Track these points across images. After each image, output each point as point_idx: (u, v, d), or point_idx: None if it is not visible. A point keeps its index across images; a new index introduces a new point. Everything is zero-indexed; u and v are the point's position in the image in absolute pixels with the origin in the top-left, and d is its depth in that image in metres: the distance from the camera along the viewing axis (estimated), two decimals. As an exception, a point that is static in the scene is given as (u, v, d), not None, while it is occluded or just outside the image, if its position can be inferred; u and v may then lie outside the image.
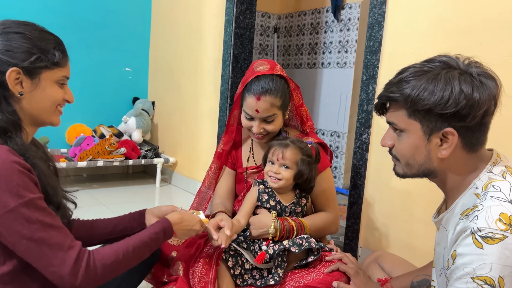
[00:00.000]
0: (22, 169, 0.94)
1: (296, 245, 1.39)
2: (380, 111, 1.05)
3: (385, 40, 1.83)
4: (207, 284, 1.41)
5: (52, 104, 1.07)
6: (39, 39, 1.02)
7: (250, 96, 1.51)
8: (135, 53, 3.57)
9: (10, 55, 0.99)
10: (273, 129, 1.55)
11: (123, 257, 1.04)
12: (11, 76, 0.98)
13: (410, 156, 0.99)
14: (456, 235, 0.90)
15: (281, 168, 1.46)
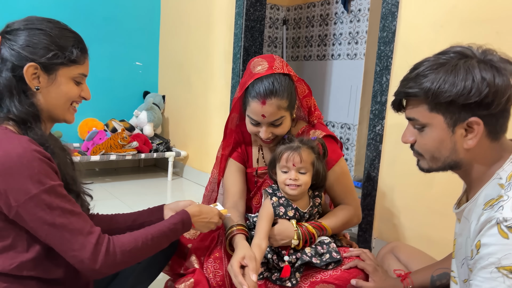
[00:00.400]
0: (43, 158, 0.96)
1: (318, 255, 1.38)
2: (398, 108, 1.04)
3: (399, 30, 1.82)
4: (223, 277, 1.43)
5: (66, 100, 1.09)
6: (58, 36, 1.04)
7: (254, 101, 1.40)
8: (145, 47, 3.59)
9: (30, 50, 1.02)
10: (281, 132, 1.47)
11: (142, 245, 1.06)
12: (29, 71, 1.01)
13: (435, 150, 0.98)
14: (481, 225, 0.90)
15: (298, 173, 1.39)
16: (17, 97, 1.01)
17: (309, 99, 1.58)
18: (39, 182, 0.93)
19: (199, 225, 1.27)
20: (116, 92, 3.47)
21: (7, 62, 1.01)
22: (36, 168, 0.94)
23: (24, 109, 1.01)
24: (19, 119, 1.01)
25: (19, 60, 1.01)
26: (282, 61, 1.48)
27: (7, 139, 0.96)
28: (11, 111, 1.00)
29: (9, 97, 1.01)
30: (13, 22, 1.05)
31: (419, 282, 1.29)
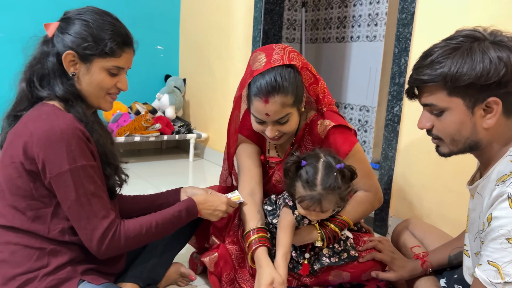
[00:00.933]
0: (82, 136, 1.06)
1: (335, 254, 1.40)
2: (411, 96, 1.07)
3: (418, 12, 1.83)
4: (244, 259, 1.50)
5: (98, 90, 1.16)
6: (97, 29, 1.12)
7: (257, 99, 1.30)
8: (166, 31, 3.65)
9: (71, 39, 1.11)
10: (289, 129, 1.38)
11: (145, 231, 1.14)
12: (67, 57, 1.11)
13: (456, 132, 1.01)
14: (493, 199, 0.94)
15: (319, 213, 1.32)
16: (59, 79, 1.11)
17: (316, 86, 1.46)
18: (73, 159, 1.03)
19: (205, 213, 1.31)
20: (138, 75, 3.54)
21: (55, 48, 1.11)
22: (73, 145, 1.03)
23: (66, 89, 1.11)
24: (63, 98, 1.11)
25: (62, 46, 1.10)
26: (283, 49, 1.35)
27: (55, 115, 1.06)
28: (56, 90, 1.10)
29: (53, 79, 1.11)
30: (70, 10, 1.15)
31: (437, 263, 1.33)
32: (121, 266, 1.27)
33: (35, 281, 1.05)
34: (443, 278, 1.32)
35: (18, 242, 1.07)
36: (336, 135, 1.43)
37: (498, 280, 0.89)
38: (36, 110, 1.09)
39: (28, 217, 1.07)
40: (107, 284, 1.12)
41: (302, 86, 1.38)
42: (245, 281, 1.45)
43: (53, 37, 1.13)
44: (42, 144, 1.02)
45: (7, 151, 1.09)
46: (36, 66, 1.13)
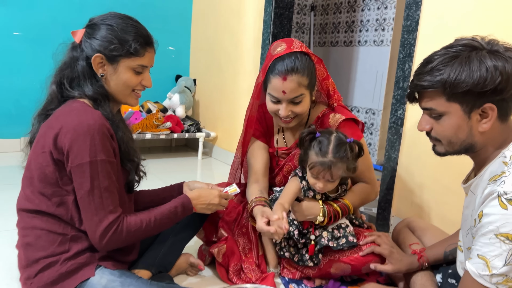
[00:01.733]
0: (107, 133, 1.15)
1: (334, 238, 1.48)
2: (412, 100, 1.13)
3: (422, 19, 1.90)
4: (250, 250, 1.58)
5: (126, 87, 1.26)
6: (122, 31, 1.22)
7: (275, 77, 1.43)
8: (177, 32, 3.75)
9: (98, 43, 1.21)
10: (301, 111, 1.48)
11: (145, 226, 1.21)
12: (96, 60, 1.21)
13: (453, 135, 1.08)
14: (484, 197, 1.01)
15: (326, 181, 1.43)
16: (88, 81, 1.21)
17: (327, 82, 1.61)
18: (95, 153, 1.11)
19: (199, 207, 1.38)
20: (150, 75, 3.65)
21: (83, 52, 1.21)
22: (97, 140, 1.12)
23: (95, 90, 1.21)
24: (92, 98, 1.20)
25: (91, 50, 1.20)
26: (301, 43, 1.52)
27: (84, 111, 1.15)
28: (85, 91, 1.20)
29: (83, 81, 1.21)
30: (94, 17, 1.25)
31: (433, 258, 1.39)
32: (134, 256, 1.35)
33: (56, 265, 1.14)
34: (439, 273, 1.38)
35: (43, 227, 1.16)
36: (346, 129, 1.54)
37: (486, 272, 0.96)
38: (68, 106, 1.19)
39: (53, 203, 1.16)
40: (122, 270, 1.21)
41: (315, 74, 1.51)
42: (251, 271, 1.52)
43: (81, 42, 1.22)
44: (69, 135, 1.11)
45: (39, 142, 1.18)
46: (66, 70, 1.23)
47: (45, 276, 1.13)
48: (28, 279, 1.16)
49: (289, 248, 1.56)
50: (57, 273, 1.13)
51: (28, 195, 1.19)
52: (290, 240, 1.57)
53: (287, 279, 1.58)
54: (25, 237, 1.18)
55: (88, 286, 1.13)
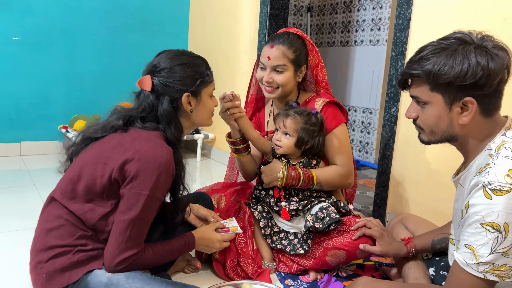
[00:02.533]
0: (171, 173, 1.20)
1: (319, 220, 1.52)
2: (403, 87, 1.17)
3: (413, 18, 1.93)
4: (246, 244, 1.61)
5: (208, 112, 1.36)
6: (197, 66, 1.30)
7: (266, 46, 1.63)
8: (175, 35, 3.78)
9: (182, 83, 1.26)
10: (281, 81, 1.62)
11: (155, 261, 1.26)
12: (185, 100, 1.26)
13: (434, 125, 1.11)
14: (470, 189, 1.03)
15: (283, 135, 1.58)
16: (173, 125, 1.26)
17: (317, 69, 1.73)
18: (155, 189, 1.16)
19: (200, 247, 1.44)
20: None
21: (165, 96, 1.25)
22: (161, 178, 1.16)
23: (177, 134, 1.27)
24: (170, 140, 1.25)
25: (176, 92, 1.25)
26: (301, 32, 1.68)
27: (160, 145, 1.19)
28: (167, 134, 1.25)
29: (166, 123, 1.25)
30: (158, 61, 1.28)
31: (421, 245, 1.43)
32: None
33: (69, 254, 1.18)
34: (432, 267, 1.41)
35: (68, 219, 1.20)
36: (329, 110, 1.66)
37: (473, 261, 0.98)
38: (145, 133, 1.22)
39: (86, 207, 1.19)
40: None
41: (304, 58, 1.67)
42: (247, 264, 1.55)
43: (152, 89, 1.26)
44: (141, 164, 1.14)
45: (106, 152, 1.21)
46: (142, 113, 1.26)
47: (57, 263, 1.17)
48: (39, 263, 1.19)
49: (281, 240, 1.61)
50: (68, 261, 1.17)
51: (67, 191, 1.22)
52: (281, 233, 1.62)
53: (283, 274, 1.60)
54: (48, 222, 1.22)
55: (92, 276, 1.16)
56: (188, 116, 1.30)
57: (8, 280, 1.47)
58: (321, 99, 1.69)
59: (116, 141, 1.22)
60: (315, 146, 1.59)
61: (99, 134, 1.28)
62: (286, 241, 1.60)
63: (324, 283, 1.54)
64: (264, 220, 1.62)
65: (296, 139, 1.57)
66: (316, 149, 1.61)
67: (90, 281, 1.16)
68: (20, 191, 2.35)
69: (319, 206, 1.57)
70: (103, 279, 1.16)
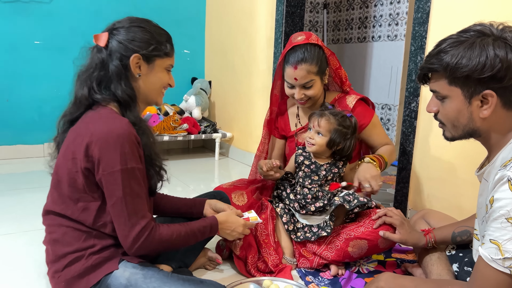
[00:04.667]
0: (135, 141, 1.18)
1: (346, 201, 1.55)
2: (423, 81, 1.16)
3: (433, 11, 1.90)
4: (268, 236, 1.62)
5: (160, 86, 1.33)
6: (156, 33, 1.28)
7: (288, 67, 1.67)
8: (192, 36, 3.81)
9: (135, 44, 1.25)
10: (313, 94, 1.70)
11: (175, 238, 1.24)
12: (133, 60, 1.25)
13: (454, 119, 1.10)
14: (494, 183, 1.01)
15: (316, 134, 1.61)
16: (123, 82, 1.24)
17: (340, 71, 1.81)
18: (125, 161, 1.15)
19: (223, 232, 1.41)
20: (166, 78, 3.72)
21: (116, 53, 1.24)
22: (126, 149, 1.15)
23: (128, 91, 1.24)
24: (123, 100, 1.24)
25: (126, 51, 1.24)
26: (317, 37, 1.72)
27: (113, 119, 1.18)
28: (117, 93, 1.23)
29: (117, 82, 1.24)
30: (118, 21, 1.29)
31: (441, 237, 1.42)
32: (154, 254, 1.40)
33: (82, 259, 1.19)
34: (455, 262, 1.39)
35: (69, 225, 1.21)
36: (361, 107, 1.79)
37: (499, 257, 0.97)
38: (96, 113, 1.22)
39: (78, 208, 1.20)
40: (143, 263, 1.25)
41: (326, 63, 1.73)
42: (269, 255, 1.57)
43: (107, 45, 1.25)
44: (100, 144, 1.14)
45: (70, 147, 1.21)
46: (95, 72, 1.25)
47: (72, 270, 1.18)
48: (56, 273, 1.21)
49: (305, 234, 1.62)
50: (83, 267, 1.18)
51: (55, 199, 1.24)
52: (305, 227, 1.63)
53: (304, 271, 1.60)
54: (52, 234, 1.23)
55: (112, 279, 1.18)
56: (137, 81, 1.27)
57: (36, 275, 1.51)
58: (351, 96, 1.79)
59: (74, 133, 1.21)
60: (345, 148, 1.63)
61: (75, 114, 1.27)
62: (310, 234, 1.61)
63: (345, 279, 1.54)
64: (287, 215, 1.63)
65: (328, 139, 1.61)
66: (346, 151, 1.64)
67: (111, 284, 1.17)
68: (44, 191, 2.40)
69: (345, 192, 1.60)
70: (123, 280, 1.17)
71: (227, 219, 1.41)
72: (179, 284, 1.18)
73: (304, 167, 1.67)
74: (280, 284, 1.43)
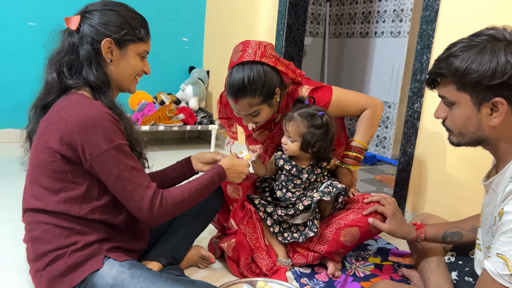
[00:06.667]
0: (113, 119, 1.14)
1: (326, 194, 1.50)
2: (432, 86, 1.11)
3: (441, 10, 1.84)
4: (257, 239, 1.57)
5: (133, 72, 1.27)
6: (129, 17, 1.22)
7: (230, 97, 1.48)
8: (191, 23, 3.72)
9: (107, 28, 1.19)
10: (261, 120, 1.54)
11: (188, 196, 1.23)
12: (105, 45, 1.19)
13: (462, 126, 1.05)
14: (505, 195, 0.97)
15: (288, 139, 1.53)
16: (94, 66, 1.18)
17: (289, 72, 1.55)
18: (110, 139, 1.10)
19: (232, 176, 1.41)
20: (163, 66, 3.64)
21: (87, 37, 1.19)
22: (107, 127, 1.10)
23: (100, 76, 1.19)
24: (95, 84, 1.18)
25: (97, 35, 1.18)
26: (257, 46, 1.46)
27: (85, 103, 1.13)
28: (88, 78, 1.18)
29: (88, 66, 1.18)
30: (91, 4, 1.23)
31: (432, 234, 1.39)
32: (143, 244, 1.35)
33: (64, 257, 1.13)
34: (454, 271, 1.35)
35: (49, 222, 1.15)
36: (318, 93, 1.59)
37: (505, 272, 0.93)
38: (66, 99, 1.16)
39: (60, 198, 1.14)
40: (130, 261, 1.20)
41: (273, 82, 1.46)
42: (262, 259, 1.53)
43: (78, 29, 1.20)
44: (78, 129, 1.09)
45: (41, 137, 1.16)
46: (66, 57, 1.19)
47: (54, 269, 1.13)
48: (37, 272, 1.16)
49: (292, 234, 1.58)
50: (65, 265, 1.13)
51: (34, 192, 1.17)
52: (292, 227, 1.59)
53: (299, 272, 1.56)
54: (32, 231, 1.17)
55: (98, 277, 1.12)
56: (108, 67, 1.22)
57: (19, 278, 1.46)
58: (303, 88, 1.60)
59: (45, 122, 1.16)
60: (322, 149, 1.53)
61: (46, 100, 1.21)
62: (297, 234, 1.57)
63: (340, 283, 1.50)
64: (271, 218, 1.58)
65: (301, 143, 1.52)
66: (324, 152, 1.55)
67: (97, 283, 1.12)
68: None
69: (324, 184, 1.55)
70: (109, 279, 1.12)
71: (232, 162, 1.40)
72: (168, 284, 1.13)
73: (285, 171, 1.60)
74: (274, 286, 1.39)
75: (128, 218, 1.25)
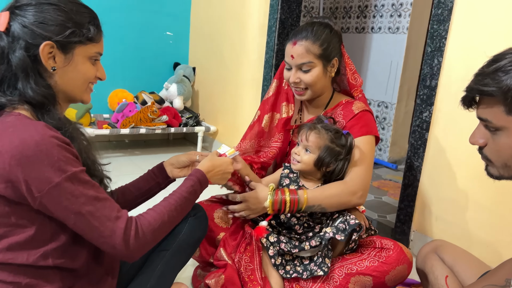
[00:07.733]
0: (62, 143, 0.90)
1: (340, 231, 1.30)
2: (469, 105, 0.92)
3: (456, 7, 1.64)
4: (253, 271, 1.38)
5: (84, 81, 1.03)
6: (74, 12, 0.96)
7: (288, 43, 1.44)
8: (176, 16, 3.48)
9: (44, 28, 0.94)
10: (309, 81, 1.42)
11: (168, 217, 1.04)
12: (45, 50, 0.94)
13: (509, 158, 0.86)
14: None
15: (303, 150, 1.37)
16: (32, 78, 0.93)
17: (358, 77, 1.57)
18: (60, 169, 0.87)
19: (215, 179, 1.24)
20: (146, 62, 3.40)
21: (20, 40, 0.92)
22: (55, 155, 0.87)
23: (41, 91, 0.93)
24: (35, 101, 0.93)
25: (33, 38, 0.92)
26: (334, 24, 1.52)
27: (23, 126, 0.88)
28: (26, 93, 0.93)
29: (24, 78, 0.92)
30: None
31: None
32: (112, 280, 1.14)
33: None
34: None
35: None
36: (365, 117, 1.46)
37: None
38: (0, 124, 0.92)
39: (2, 246, 0.91)
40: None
41: (335, 51, 1.46)
42: None
43: (7, 29, 0.94)
44: (17, 163, 0.85)
45: None
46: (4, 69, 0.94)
47: None
48: None
49: (295, 267, 1.38)
50: None
51: None
52: (295, 260, 1.40)
53: (296, 312, 1.36)
54: None
55: None
56: (52, 77, 0.97)
57: None
58: (360, 103, 1.49)
59: None
60: (337, 170, 1.35)
61: None
62: (301, 267, 1.37)
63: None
64: (274, 248, 1.37)
65: (317, 158, 1.34)
66: (338, 175, 1.37)
67: None
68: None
69: (339, 220, 1.34)
70: None
71: (212, 163, 1.23)
72: None
73: None
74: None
75: (89, 258, 1.03)
